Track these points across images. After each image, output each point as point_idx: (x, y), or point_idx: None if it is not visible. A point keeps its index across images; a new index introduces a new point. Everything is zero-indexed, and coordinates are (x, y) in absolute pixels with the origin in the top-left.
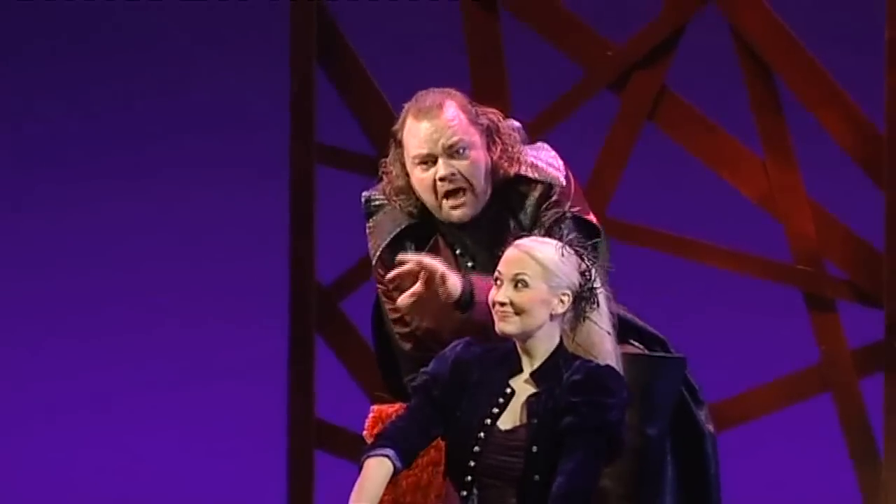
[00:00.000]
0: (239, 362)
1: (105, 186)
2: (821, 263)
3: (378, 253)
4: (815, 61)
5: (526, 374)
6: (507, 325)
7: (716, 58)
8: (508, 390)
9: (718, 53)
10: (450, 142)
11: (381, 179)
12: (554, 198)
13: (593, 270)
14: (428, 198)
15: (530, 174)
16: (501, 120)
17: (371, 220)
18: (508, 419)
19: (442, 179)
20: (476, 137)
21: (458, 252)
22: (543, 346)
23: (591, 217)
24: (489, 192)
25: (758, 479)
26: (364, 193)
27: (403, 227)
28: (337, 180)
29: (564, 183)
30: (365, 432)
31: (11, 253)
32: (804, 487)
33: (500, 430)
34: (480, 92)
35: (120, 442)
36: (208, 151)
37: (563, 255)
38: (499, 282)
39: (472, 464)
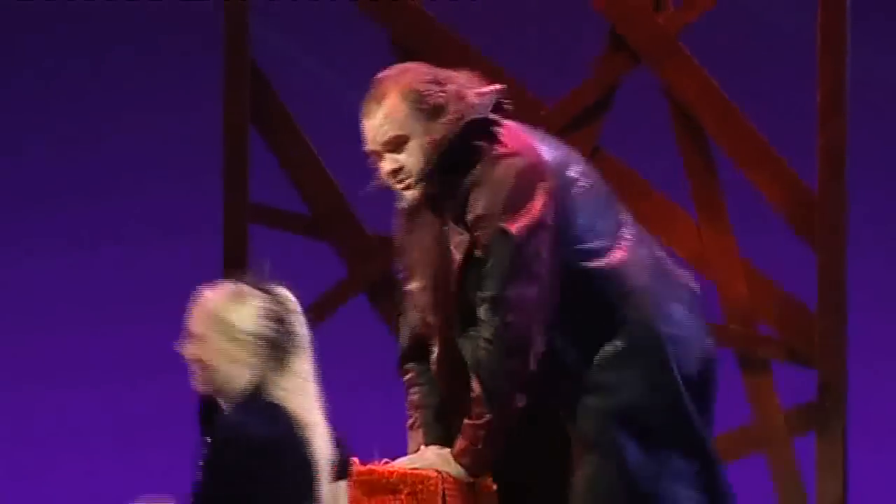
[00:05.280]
0: (169, 422)
1: (35, 244)
2: (753, 324)
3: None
4: (748, 122)
5: None
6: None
7: (648, 118)
8: None
9: (651, 114)
10: (384, 139)
11: None
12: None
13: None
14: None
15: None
16: (463, 92)
17: None
18: None
19: (387, 174)
20: (417, 124)
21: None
22: None
23: (516, 225)
24: (440, 164)
25: None
26: None
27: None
28: (270, 239)
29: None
30: None
31: None
32: None
33: None
34: None
35: None
36: (139, 208)
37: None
38: None
39: None
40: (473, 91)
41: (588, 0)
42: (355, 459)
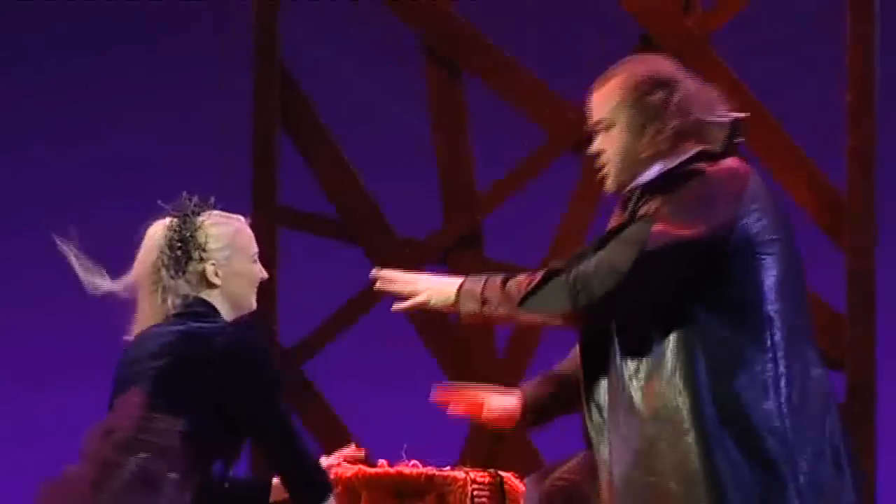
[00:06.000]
0: None
1: (35, 244)
2: None
3: None
4: (777, 124)
5: None
6: None
7: None
8: None
9: None
10: (594, 118)
11: None
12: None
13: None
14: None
15: (645, 177)
16: (690, 109)
17: None
18: None
19: (592, 152)
20: (623, 116)
21: None
22: None
23: (661, 229)
24: (641, 170)
25: None
26: None
27: None
28: (299, 242)
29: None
30: None
31: None
32: None
33: None
34: (443, 154)
35: None
36: (140, 208)
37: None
38: None
39: None
40: (708, 109)
41: (618, 2)
42: (383, 462)
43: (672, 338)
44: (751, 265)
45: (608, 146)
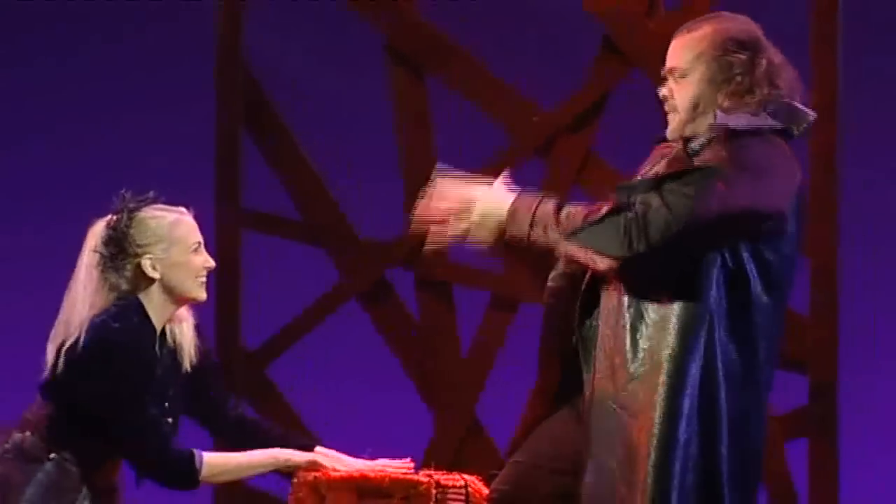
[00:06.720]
0: None
1: (34, 243)
2: None
3: None
4: None
5: None
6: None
7: (643, 123)
8: None
9: (646, 119)
10: (669, 63)
11: None
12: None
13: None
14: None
15: (729, 122)
16: (775, 80)
17: None
18: None
19: (661, 95)
20: (701, 68)
21: None
22: None
23: (728, 186)
24: (702, 123)
25: None
26: None
27: None
28: (263, 245)
29: (718, 152)
30: (290, 497)
31: None
32: None
33: None
34: (407, 156)
35: None
36: None
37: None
38: None
39: None
40: (793, 89)
41: (582, 4)
42: None
43: (682, 294)
44: (770, 256)
45: (678, 93)
